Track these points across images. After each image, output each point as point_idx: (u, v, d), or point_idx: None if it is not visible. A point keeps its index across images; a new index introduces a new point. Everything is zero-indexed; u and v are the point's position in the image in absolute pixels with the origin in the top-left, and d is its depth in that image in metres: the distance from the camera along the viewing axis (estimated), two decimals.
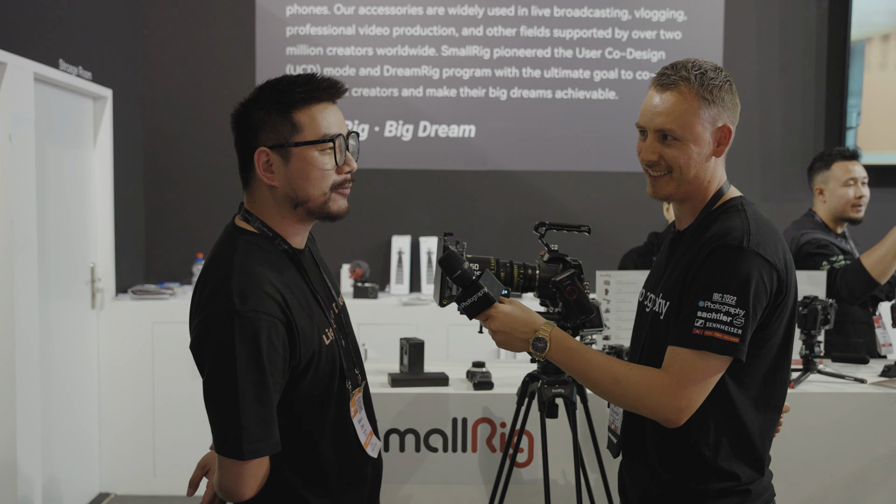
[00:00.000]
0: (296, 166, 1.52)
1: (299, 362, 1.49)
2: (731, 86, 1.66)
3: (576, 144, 4.87)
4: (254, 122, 1.54)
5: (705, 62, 1.66)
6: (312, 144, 1.52)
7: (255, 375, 1.41)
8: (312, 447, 1.56)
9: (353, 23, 4.78)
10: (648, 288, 1.82)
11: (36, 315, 3.42)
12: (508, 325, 1.66)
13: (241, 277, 1.45)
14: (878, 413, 2.58)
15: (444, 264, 1.66)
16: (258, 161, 1.53)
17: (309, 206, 1.54)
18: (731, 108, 1.66)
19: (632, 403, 1.60)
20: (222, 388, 1.41)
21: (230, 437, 1.41)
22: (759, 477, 1.65)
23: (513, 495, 2.45)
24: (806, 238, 3.22)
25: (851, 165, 3.27)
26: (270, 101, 1.53)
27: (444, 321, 4.19)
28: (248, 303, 1.42)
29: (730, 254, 1.55)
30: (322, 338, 1.55)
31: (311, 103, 1.52)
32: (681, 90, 1.63)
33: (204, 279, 1.51)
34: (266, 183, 1.54)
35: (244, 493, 1.45)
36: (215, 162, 4.74)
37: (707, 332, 1.53)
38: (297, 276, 1.56)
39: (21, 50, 3.33)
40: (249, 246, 1.52)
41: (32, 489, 3.37)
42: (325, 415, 1.57)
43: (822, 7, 4.90)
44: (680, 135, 1.63)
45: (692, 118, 1.62)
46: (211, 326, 1.43)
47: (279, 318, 1.44)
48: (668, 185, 1.68)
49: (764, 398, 1.64)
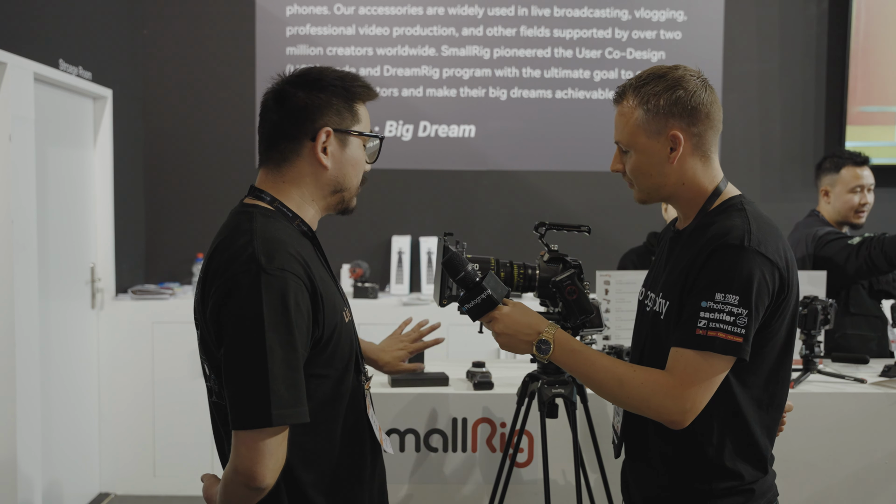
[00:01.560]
0: (351, 154, 1.57)
1: (322, 333, 1.44)
2: (676, 90, 1.61)
3: (576, 144, 4.87)
4: (316, 102, 1.52)
5: (659, 69, 1.65)
6: (368, 137, 1.59)
7: (284, 336, 1.34)
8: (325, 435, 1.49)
9: (353, 23, 4.78)
10: (648, 287, 1.82)
11: (36, 315, 3.42)
12: (512, 328, 1.66)
13: (263, 241, 1.40)
14: (878, 413, 2.58)
15: (448, 266, 1.66)
16: (319, 140, 1.52)
17: (345, 194, 1.60)
18: (687, 112, 1.62)
19: (636, 405, 1.60)
20: (248, 351, 1.33)
21: (256, 402, 1.31)
22: (762, 476, 1.65)
23: (513, 495, 2.44)
24: (823, 231, 3.26)
25: (861, 171, 3.29)
26: (336, 86, 1.54)
27: (445, 321, 4.18)
28: (274, 262, 1.37)
29: (731, 253, 1.54)
30: (342, 314, 1.52)
31: (366, 99, 1.59)
32: (623, 106, 1.68)
33: (220, 249, 1.43)
34: (318, 163, 1.54)
35: (264, 474, 1.33)
36: (215, 161, 4.75)
37: (710, 333, 1.52)
38: (315, 254, 1.55)
39: (21, 50, 3.33)
40: (267, 218, 1.49)
41: (32, 489, 3.37)
42: (340, 401, 1.52)
43: (822, 7, 4.90)
44: (628, 145, 1.68)
45: (635, 130, 1.65)
46: (236, 287, 1.36)
47: (305, 282, 1.40)
48: (637, 193, 1.75)
49: (767, 397, 1.64)
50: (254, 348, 1.32)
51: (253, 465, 1.32)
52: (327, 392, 1.49)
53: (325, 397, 1.49)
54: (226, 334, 1.37)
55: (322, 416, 1.48)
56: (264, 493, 1.37)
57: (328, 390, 1.49)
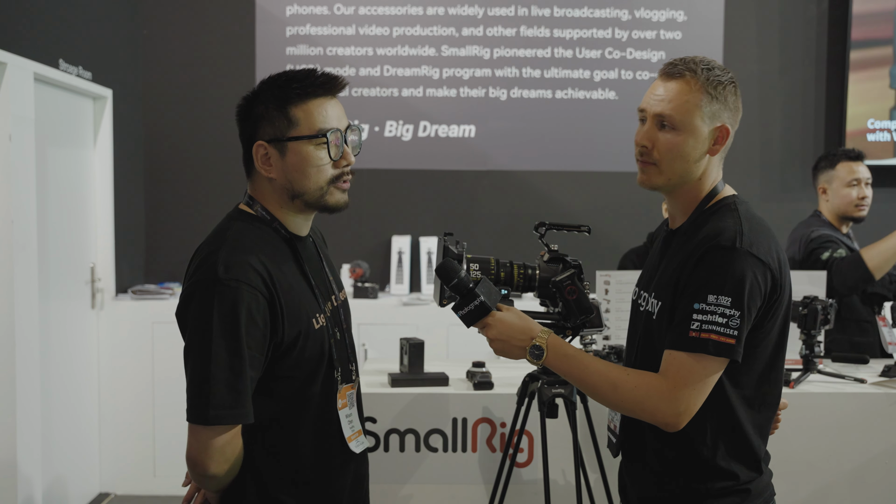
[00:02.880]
0: (291, 160, 1.56)
1: (282, 340, 1.51)
2: (735, 88, 1.66)
3: (576, 144, 4.87)
4: (254, 116, 1.59)
5: (714, 61, 1.67)
6: (307, 139, 1.55)
7: (230, 343, 1.43)
8: (290, 433, 1.56)
9: (353, 23, 4.78)
10: (642, 286, 1.82)
11: (36, 315, 3.42)
12: (505, 334, 1.66)
13: (229, 251, 1.49)
14: (878, 413, 2.58)
15: (441, 272, 1.65)
16: (256, 154, 1.58)
17: (305, 198, 1.58)
18: (733, 109, 1.66)
19: (630, 408, 1.60)
20: (196, 353, 1.44)
21: (198, 401, 1.43)
22: (757, 476, 1.65)
23: (513, 495, 2.44)
24: (816, 234, 3.25)
25: (856, 166, 3.29)
26: (269, 96, 1.57)
27: (444, 321, 4.19)
28: (231, 272, 1.45)
29: (723, 255, 1.54)
30: (311, 321, 1.56)
31: (307, 98, 1.56)
32: (686, 80, 1.63)
33: (198, 253, 1.54)
34: (264, 175, 1.58)
35: (208, 464, 1.45)
36: (215, 162, 4.75)
37: (703, 335, 1.52)
38: (290, 258, 1.59)
39: (21, 50, 3.33)
40: (245, 226, 1.57)
41: (32, 489, 3.37)
42: (307, 402, 1.57)
43: (822, 7, 4.90)
44: (678, 122, 1.62)
45: (693, 109, 1.62)
46: (194, 292, 1.47)
47: (261, 291, 1.47)
48: (656, 176, 1.67)
49: (759, 397, 1.64)
50: (201, 352, 1.44)
51: (197, 454, 1.46)
52: (294, 393, 1.56)
53: (292, 398, 1.56)
54: (183, 335, 1.49)
55: (289, 415, 1.56)
56: (216, 480, 1.49)
57: (295, 391, 1.56)
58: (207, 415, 1.42)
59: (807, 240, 3.23)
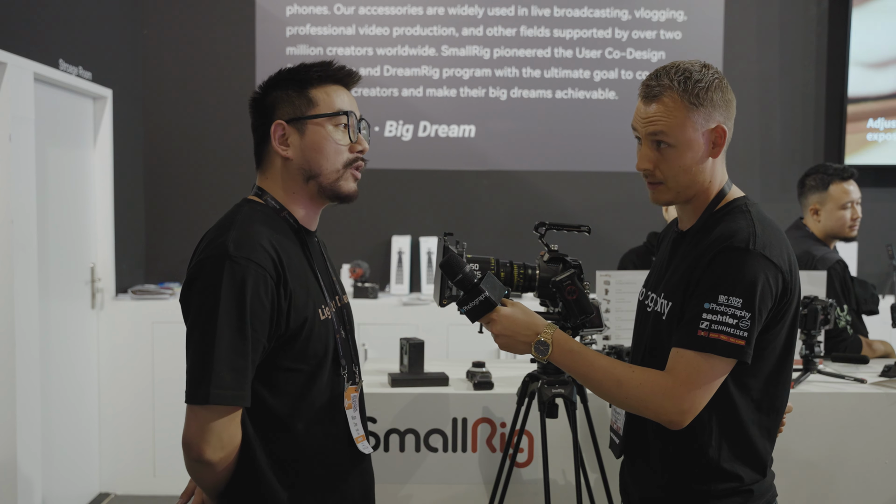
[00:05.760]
0: (310, 139, 1.57)
1: (288, 326, 1.48)
2: (720, 83, 1.63)
3: (576, 144, 4.87)
4: (271, 100, 1.60)
5: (691, 63, 1.63)
6: (327, 118, 1.57)
7: (236, 322, 1.40)
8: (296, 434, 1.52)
9: (353, 23, 4.78)
10: (649, 287, 1.81)
11: (36, 315, 3.42)
12: (510, 329, 1.66)
13: (240, 231, 1.48)
14: (878, 413, 2.58)
15: (446, 268, 1.66)
16: (274, 133, 1.58)
17: (321, 180, 1.58)
18: (723, 105, 1.63)
19: (635, 406, 1.60)
20: (200, 331, 1.41)
21: (199, 380, 1.39)
22: (761, 478, 1.65)
23: (513, 495, 2.44)
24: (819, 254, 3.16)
25: (848, 186, 3.21)
26: (288, 80, 1.59)
27: (444, 321, 4.19)
28: (241, 250, 1.43)
29: (736, 256, 1.54)
30: (317, 311, 1.54)
31: (326, 83, 1.60)
32: (664, 100, 1.61)
33: (205, 238, 1.52)
34: (281, 155, 1.58)
35: (203, 447, 1.41)
36: (215, 162, 4.75)
37: (713, 335, 1.52)
38: (297, 248, 1.58)
39: (21, 50, 3.33)
40: (254, 212, 1.56)
41: (32, 489, 3.37)
42: (313, 400, 1.53)
43: (822, 7, 4.90)
44: (671, 139, 1.62)
45: (681, 124, 1.60)
46: (201, 269, 1.44)
47: (270, 273, 1.45)
48: (665, 193, 1.68)
49: (766, 400, 1.64)
50: (206, 329, 1.40)
51: (194, 438, 1.41)
52: (300, 387, 1.52)
53: (298, 392, 1.52)
54: (188, 313, 1.45)
55: (295, 410, 1.52)
56: (212, 468, 1.44)
57: (301, 385, 1.52)
58: (209, 393, 1.37)
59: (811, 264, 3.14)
